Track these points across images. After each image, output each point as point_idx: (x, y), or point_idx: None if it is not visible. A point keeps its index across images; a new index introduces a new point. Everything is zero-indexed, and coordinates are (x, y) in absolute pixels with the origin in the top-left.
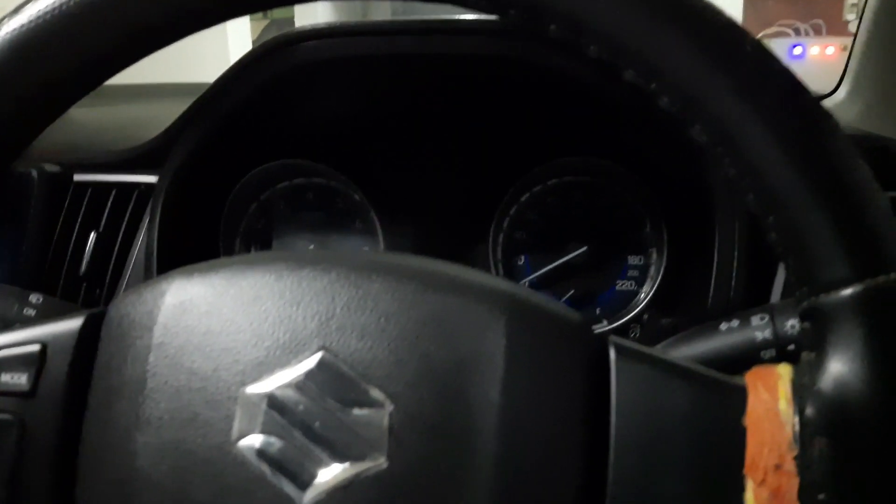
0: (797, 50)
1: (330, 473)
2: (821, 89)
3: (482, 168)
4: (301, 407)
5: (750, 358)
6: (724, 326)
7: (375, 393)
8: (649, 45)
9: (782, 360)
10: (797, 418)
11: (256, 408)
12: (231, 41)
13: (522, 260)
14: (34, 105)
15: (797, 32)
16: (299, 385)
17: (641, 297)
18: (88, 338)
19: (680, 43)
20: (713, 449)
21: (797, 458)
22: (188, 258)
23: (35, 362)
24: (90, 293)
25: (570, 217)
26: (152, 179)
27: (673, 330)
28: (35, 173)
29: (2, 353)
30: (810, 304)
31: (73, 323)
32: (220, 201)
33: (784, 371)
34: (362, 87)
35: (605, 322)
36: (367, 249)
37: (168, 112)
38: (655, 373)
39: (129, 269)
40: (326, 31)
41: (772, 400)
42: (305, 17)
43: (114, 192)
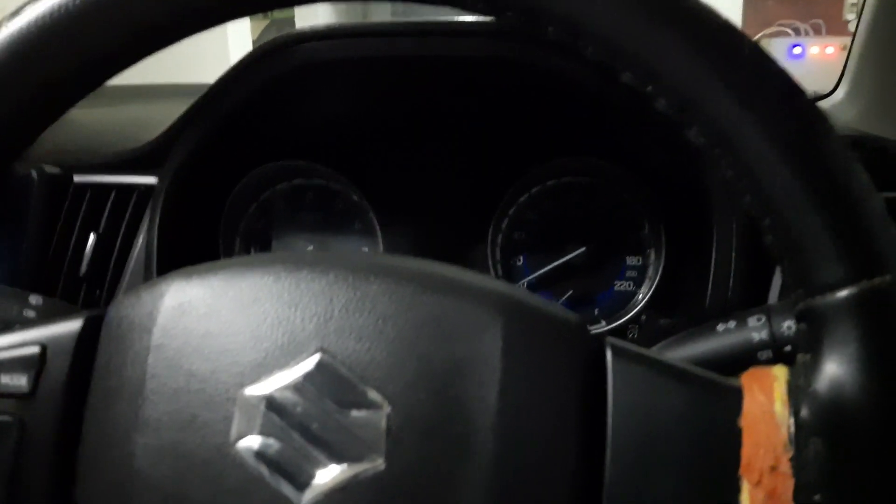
0: (797, 50)
1: (328, 475)
2: (821, 89)
3: (481, 169)
4: (299, 408)
5: (747, 359)
6: (721, 327)
7: (373, 394)
8: (646, 48)
9: (779, 361)
10: (792, 420)
11: (255, 409)
12: (231, 41)
13: (521, 260)
14: (35, 106)
15: (797, 32)
16: (298, 387)
17: (640, 298)
18: (88, 339)
19: (677, 45)
20: (709, 450)
21: (792, 460)
22: (188, 258)
23: (35, 364)
24: (90, 294)
25: (569, 218)
26: (152, 181)
27: (671, 330)
28: (35, 174)
29: (2, 355)
30: (806, 306)
31: (73, 325)
32: (220, 202)
33: (780, 372)
34: (362, 89)
35: (604, 322)
36: (366, 250)
37: (168, 113)
38: (652, 374)
39: (129, 270)
40: (326, 33)
41: (767, 401)
42: (306, 18)
43: (114, 193)
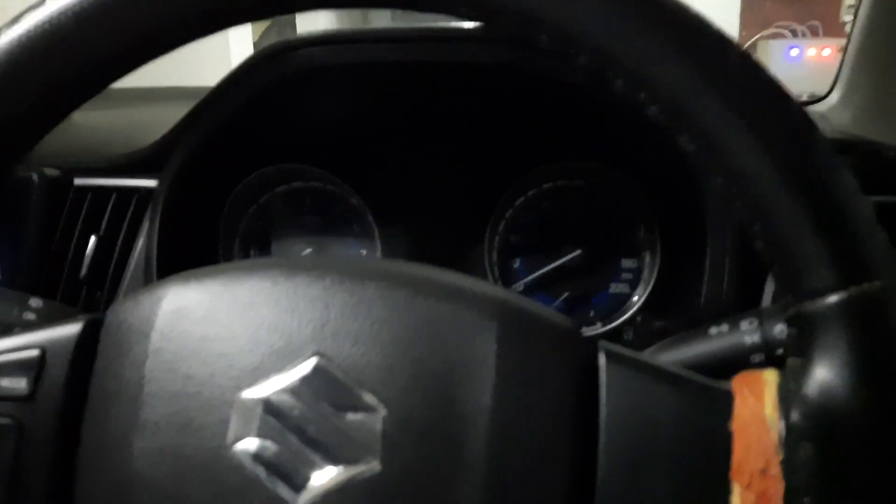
0: (794, 52)
1: (324, 477)
2: (819, 90)
3: (478, 172)
4: (296, 411)
5: (739, 362)
6: (714, 331)
7: (369, 398)
8: (638, 57)
9: (771, 364)
10: (783, 423)
11: (252, 412)
12: (233, 44)
13: (517, 263)
14: (36, 110)
15: (794, 34)
16: (294, 390)
17: (635, 300)
18: (87, 343)
19: (668, 54)
20: (700, 453)
21: (783, 463)
22: (187, 261)
23: (34, 367)
24: (90, 296)
25: (565, 220)
26: (152, 183)
27: (665, 332)
28: (35, 177)
29: (1, 358)
30: (796, 311)
31: (72, 328)
32: (220, 205)
33: (770, 376)
34: (360, 93)
35: (600, 324)
36: (364, 253)
37: (168, 116)
38: (644, 378)
39: (130, 273)
40: (326, 38)
41: (758, 405)
42: (307, 21)
43: (114, 196)
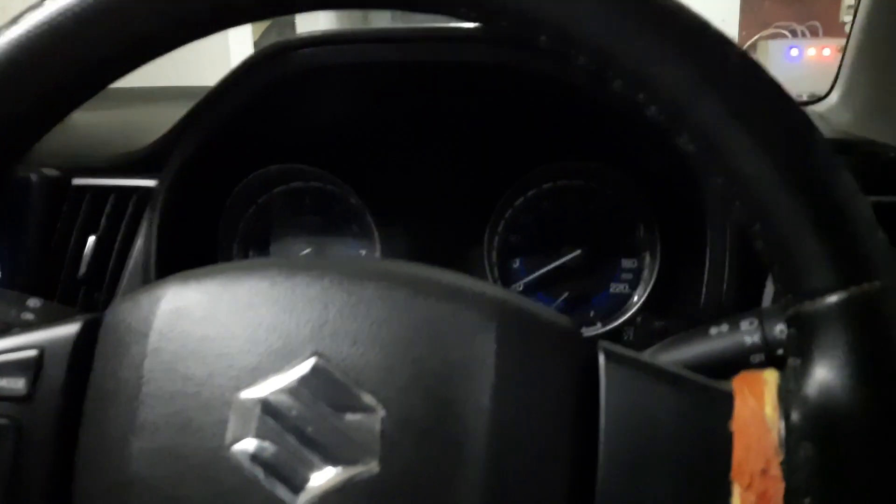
0: (794, 52)
1: (323, 477)
2: (818, 90)
3: (478, 172)
4: (294, 412)
5: (739, 362)
6: (714, 331)
7: (368, 398)
8: (637, 57)
9: (771, 364)
10: (783, 423)
11: (250, 413)
12: (232, 43)
13: (517, 263)
14: (34, 111)
15: (794, 34)
16: (293, 390)
17: (635, 300)
18: (85, 343)
19: (667, 54)
20: (700, 453)
21: (783, 463)
22: (186, 261)
23: (32, 367)
24: (89, 296)
25: (565, 220)
26: (151, 183)
27: (666, 332)
28: (34, 177)
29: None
30: (795, 311)
31: (71, 328)
32: (219, 205)
33: (770, 377)
34: (360, 93)
35: (600, 324)
36: (364, 253)
37: (168, 116)
38: (644, 378)
39: (128, 273)
40: (325, 38)
41: (758, 405)
42: (307, 21)
43: (113, 196)
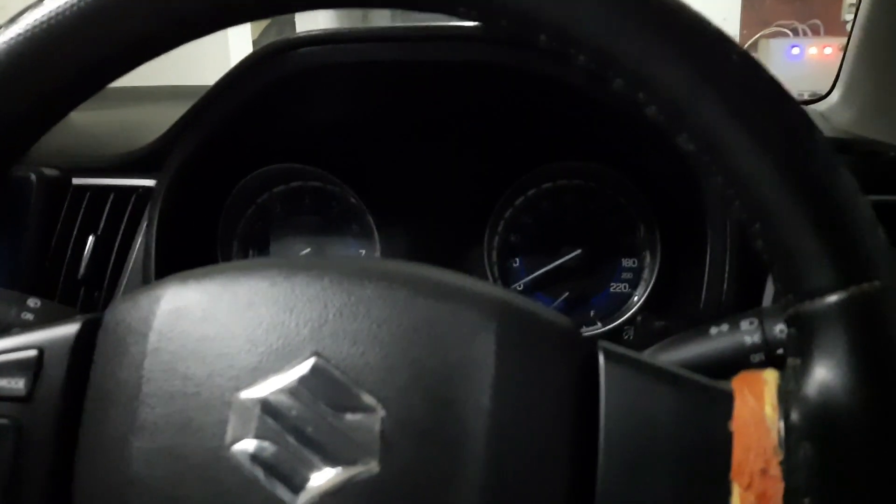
0: (795, 50)
1: (322, 477)
2: (820, 89)
3: (477, 172)
4: (294, 412)
5: (739, 362)
6: (714, 330)
7: (367, 398)
8: (637, 56)
9: (771, 364)
10: (782, 423)
11: (250, 413)
12: (232, 42)
13: (517, 263)
14: (33, 111)
15: (795, 33)
16: (292, 390)
17: (635, 300)
18: (85, 343)
19: (667, 54)
20: (700, 453)
21: (782, 463)
22: (186, 260)
23: (32, 367)
24: (89, 296)
25: (564, 220)
26: (150, 183)
27: (666, 332)
28: (34, 177)
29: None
30: (795, 311)
31: (70, 328)
32: (218, 204)
33: (770, 377)
34: (359, 92)
35: (600, 324)
36: (364, 252)
37: (167, 115)
38: (643, 377)
39: (128, 272)
40: (324, 38)
41: (758, 405)
42: (306, 20)
43: (112, 196)
